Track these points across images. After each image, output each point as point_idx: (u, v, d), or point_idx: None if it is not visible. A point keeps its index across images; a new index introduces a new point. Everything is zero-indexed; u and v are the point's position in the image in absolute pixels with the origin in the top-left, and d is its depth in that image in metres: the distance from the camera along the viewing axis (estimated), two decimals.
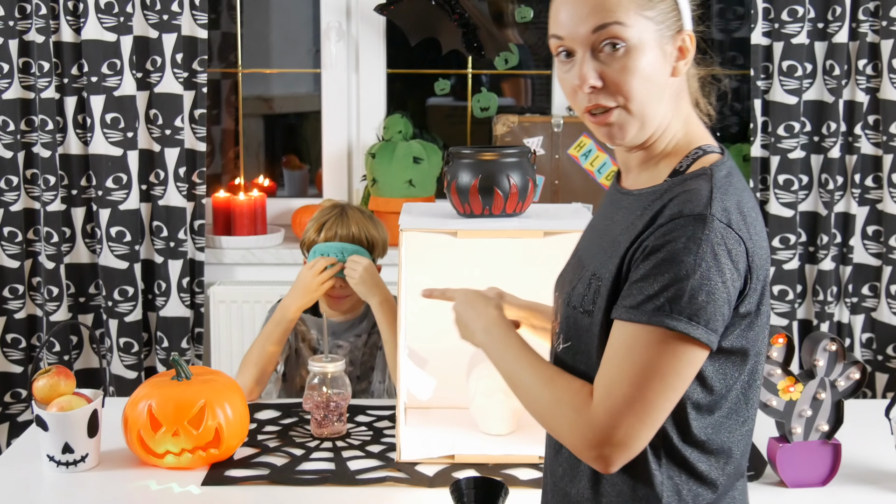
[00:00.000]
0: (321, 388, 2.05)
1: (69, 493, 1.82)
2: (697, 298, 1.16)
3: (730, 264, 1.18)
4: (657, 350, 1.18)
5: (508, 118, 3.03)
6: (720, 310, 1.18)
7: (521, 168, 1.95)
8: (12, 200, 2.95)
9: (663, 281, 1.17)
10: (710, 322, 1.18)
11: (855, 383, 1.82)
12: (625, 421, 1.18)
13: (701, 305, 1.17)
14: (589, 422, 1.20)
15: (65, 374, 1.90)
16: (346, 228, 2.27)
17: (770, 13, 2.88)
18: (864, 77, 2.89)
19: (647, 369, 1.18)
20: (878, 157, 2.92)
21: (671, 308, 1.17)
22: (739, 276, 1.19)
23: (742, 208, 1.21)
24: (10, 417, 3.06)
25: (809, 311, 2.99)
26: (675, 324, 1.16)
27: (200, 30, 2.89)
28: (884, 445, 1.92)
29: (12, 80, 2.90)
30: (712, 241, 1.17)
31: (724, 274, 1.17)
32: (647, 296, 1.18)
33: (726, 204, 1.20)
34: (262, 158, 3.60)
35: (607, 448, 1.19)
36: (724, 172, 1.24)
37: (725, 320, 1.20)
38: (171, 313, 2.98)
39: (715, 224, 1.17)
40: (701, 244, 1.17)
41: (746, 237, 1.20)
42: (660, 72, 1.26)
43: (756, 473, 1.84)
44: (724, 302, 1.18)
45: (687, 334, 1.17)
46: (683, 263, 1.17)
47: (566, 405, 1.23)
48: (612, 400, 1.19)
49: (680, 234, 1.18)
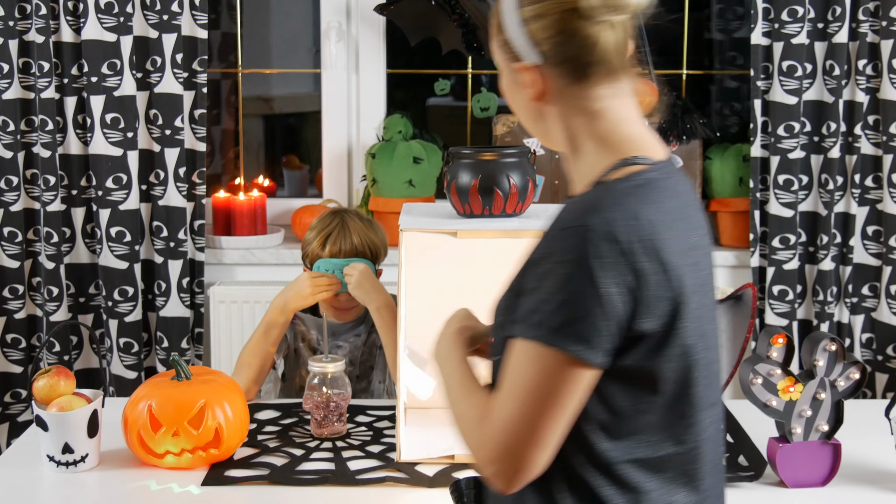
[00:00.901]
0: (321, 388, 2.05)
1: (69, 493, 1.82)
2: (572, 314, 1.13)
3: (609, 278, 1.13)
4: (538, 367, 1.15)
5: (508, 118, 3.03)
6: (599, 325, 1.13)
7: (521, 168, 1.95)
8: (12, 200, 2.95)
9: (539, 295, 1.15)
10: (590, 338, 1.13)
11: (855, 383, 1.82)
12: (515, 439, 1.16)
13: (575, 320, 1.13)
14: (484, 437, 1.18)
15: (65, 374, 1.90)
16: (348, 242, 2.28)
17: (770, 13, 2.88)
18: (864, 77, 2.89)
19: (528, 387, 1.15)
20: (878, 158, 2.92)
21: (546, 323, 1.14)
22: (626, 290, 1.14)
23: (646, 221, 1.16)
24: (10, 417, 3.06)
25: (809, 311, 2.99)
26: (549, 339, 1.13)
27: (200, 30, 2.89)
28: (884, 445, 1.92)
29: (12, 80, 2.90)
30: (588, 253, 1.13)
31: (600, 287, 1.13)
32: (526, 310, 1.16)
33: (614, 215, 1.15)
34: (262, 158, 3.60)
35: (501, 465, 1.17)
36: (631, 184, 1.20)
37: (614, 337, 1.15)
38: (171, 313, 2.98)
39: (591, 236, 1.14)
40: (574, 257, 1.13)
41: (638, 250, 1.15)
42: (517, 94, 1.30)
43: (756, 473, 1.84)
44: (605, 317, 1.13)
45: (563, 351, 1.13)
46: (556, 277, 1.14)
47: (472, 419, 1.22)
48: (501, 416, 1.17)
49: (555, 246, 1.16)
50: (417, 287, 2.07)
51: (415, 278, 2.05)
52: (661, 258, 1.16)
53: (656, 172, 1.24)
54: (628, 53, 1.30)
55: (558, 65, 1.25)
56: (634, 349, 1.17)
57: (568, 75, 1.26)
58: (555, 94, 1.27)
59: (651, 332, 1.17)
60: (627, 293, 1.14)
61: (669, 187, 1.24)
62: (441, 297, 2.14)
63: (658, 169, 1.25)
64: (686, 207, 1.26)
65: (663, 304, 1.17)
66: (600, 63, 1.25)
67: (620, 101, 1.30)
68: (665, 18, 1.38)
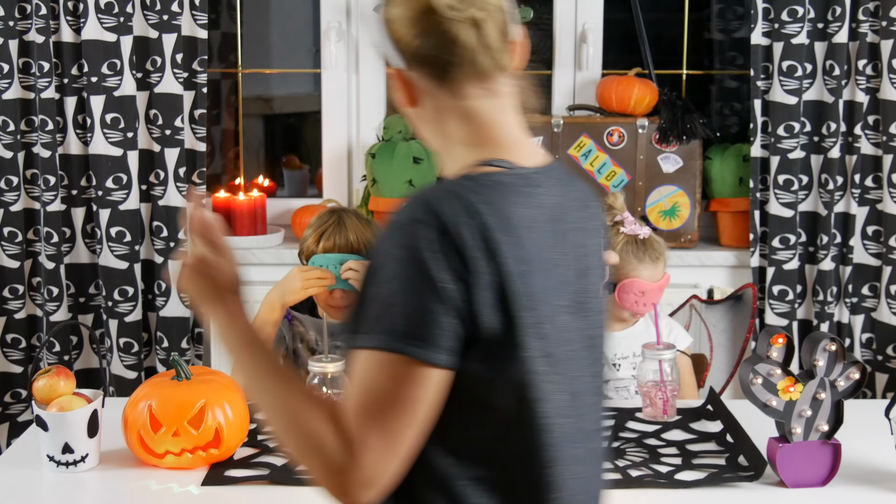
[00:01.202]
0: (321, 388, 2.05)
1: (69, 493, 1.82)
2: (411, 313, 1.09)
3: (444, 271, 1.09)
4: (383, 374, 1.10)
5: None
6: (441, 321, 1.09)
7: None
8: (12, 200, 2.95)
9: (378, 299, 1.11)
10: (432, 337, 1.09)
11: (855, 383, 1.82)
12: (360, 448, 1.10)
13: (415, 320, 1.09)
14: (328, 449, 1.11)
15: (65, 374, 1.90)
16: (343, 238, 2.28)
17: (770, 13, 2.88)
18: (864, 77, 2.89)
19: (376, 395, 1.10)
20: (878, 158, 2.92)
21: (386, 328, 1.10)
22: (462, 284, 1.10)
23: (484, 219, 1.12)
24: (10, 417, 3.05)
25: (809, 311, 2.99)
26: (390, 344, 1.09)
27: (200, 30, 2.89)
28: (884, 445, 1.92)
29: (12, 80, 2.90)
30: (420, 247, 1.10)
31: (437, 282, 1.09)
32: (368, 317, 1.12)
33: (448, 209, 1.12)
34: (262, 158, 3.60)
35: (346, 477, 1.10)
36: (477, 182, 1.17)
37: (457, 333, 1.11)
38: (171, 313, 2.98)
39: (423, 230, 1.11)
40: (407, 253, 1.10)
41: (472, 245, 1.11)
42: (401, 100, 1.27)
43: (756, 473, 1.84)
44: (445, 312, 1.09)
45: (405, 354, 1.09)
46: (391, 277, 1.11)
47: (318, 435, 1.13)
48: (347, 426, 1.11)
49: (388, 244, 1.13)
50: None
51: None
52: (497, 259, 1.12)
53: (514, 177, 1.20)
54: (504, 51, 1.24)
55: (422, 66, 1.22)
56: (473, 352, 1.12)
57: (433, 77, 1.22)
58: (425, 98, 1.24)
59: (489, 335, 1.13)
60: (464, 287, 1.10)
61: (531, 194, 1.20)
62: None
63: (519, 174, 1.21)
64: (555, 221, 1.22)
65: (496, 309, 1.12)
66: (464, 62, 1.21)
67: (492, 101, 1.25)
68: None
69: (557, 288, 1.20)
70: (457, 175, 1.20)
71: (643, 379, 2.13)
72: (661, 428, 2.08)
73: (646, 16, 3.11)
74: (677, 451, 1.97)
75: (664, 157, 3.01)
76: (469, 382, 1.14)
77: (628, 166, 3.00)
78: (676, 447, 1.99)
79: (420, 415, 1.12)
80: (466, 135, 1.24)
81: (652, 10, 3.35)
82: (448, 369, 1.12)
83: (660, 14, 3.48)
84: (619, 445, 1.99)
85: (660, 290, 2.26)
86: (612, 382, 2.32)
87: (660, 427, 2.08)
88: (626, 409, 2.17)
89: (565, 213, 1.24)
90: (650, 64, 3.10)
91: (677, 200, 3.02)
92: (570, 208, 1.26)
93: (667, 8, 3.42)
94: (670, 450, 1.98)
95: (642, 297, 2.24)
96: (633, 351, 2.31)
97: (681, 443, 2.01)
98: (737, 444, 1.96)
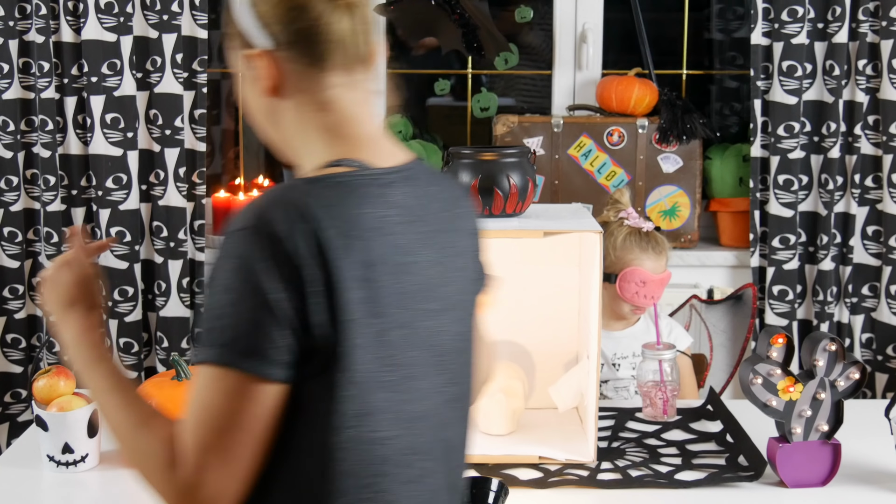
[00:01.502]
0: None
1: (69, 493, 1.82)
2: (242, 327, 1.05)
3: (275, 281, 1.05)
4: (217, 390, 1.06)
5: (508, 118, 3.03)
6: (273, 335, 1.05)
7: (521, 168, 1.95)
8: (12, 200, 2.95)
9: (212, 312, 1.07)
10: (264, 351, 1.05)
11: (855, 383, 1.82)
12: (198, 467, 1.06)
13: (246, 334, 1.05)
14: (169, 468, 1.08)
15: (65, 374, 1.90)
16: None
17: (770, 13, 2.88)
18: (864, 77, 2.89)
19: (212, 412, 1.06)
20: (878, 158, 2.92)
21: (218, 342, 1.06)
22: (295, 294, 1.06)
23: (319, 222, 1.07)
24: (10, 417, 3.05)
25: (809, 311, 2.99)
26: (223, 358, 1.05)
27: (200, 30, 2.89)
28: (884, 445, 1.92)
29: (12, 80, 2.90)
30: (251, 256, 1.05)
31: (267, 293, 1.05)
32: (203, 331, 1.08)
33: (280, 214, 1.07)
34: (262, 158, 3.60)
35: (189, 497, 1.06)
36: (317, 185, 1.12)
37: (292, 346, 1.07)
38: (171, 313, 2.98)
39: (254, 237, 1.06)
40: (238, 263, 1.06)
41: (304, 252, 1.06)
42: (253, 93, 1.22)
43: (756, 473, 1.84)
44: (277, 324, 1.05)
45: (238, 370, 1.05)
46: (224, 288, 1.06)
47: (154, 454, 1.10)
48: (185, 443, 1.07)
49: (222, 253, 1.09)
50: None
51: None
52: (334, 266, 1.07)
53: (363, 178, 1.15)
54: (370, 48, 1.22)
55: (291, 46, 1.17)
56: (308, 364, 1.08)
57: (302, 58, 1.18)
58: (289, 84, 1.19)
59: (321, 346, 1.08)
60: (298, 297, 1.06)
61: (381, 195, 1.15)
62: None
63: (369, 174, 1.16)
64: (416, 222, 1.18)
65: (332, 318, 1.08)
66: (334, 46, 1.18)
67: (354, 94, 1.21)
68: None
69: (418, 291, 1.16)
70: (303, 176, 1.16)
71: (643, 379, 2.13)
72: (661, 428, 2.08)
73: (646, 16, 3.11)
74: (677, 451, 1.97)
75: (664, 157, 3.01)
76: (308, 393, 1.09)
77: (628, 166, 3.00)
78: (676, 447, 1.99)
79: (256, 431, 1.08)
80: (324, 128, 1.20)
81: (652, 10, 3.35)
82: (284, 383, 1.08)
83: (660, 14, 3.48)
84: (619, 445, 1.99)
85: (661, 283, 2.26)
86: (612, 382, 2.32)
87: (660, 427, 2.08)
88: (626, 409, 2.17)
89: (426, 214, 1.20)
90: (650, 64, 3.10)
91: (677, 200, 3.02)
92: (435, 208, 1.22)
93: (667, 8, 3.42)
94: (670, 450, 1.98)
95: (643, 288, 2.24)
96: (632, 350, 2.31)
97: (681, 443, 2.01)
98: (737, 444, 1.96)
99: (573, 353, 2.15)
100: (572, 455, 1.91)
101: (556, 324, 2.15)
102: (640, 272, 2.24)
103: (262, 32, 1.18)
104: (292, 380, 1.08)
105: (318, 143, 1.20)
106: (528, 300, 2.14)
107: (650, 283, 2.24)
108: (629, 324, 2.37)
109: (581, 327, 2.11)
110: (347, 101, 1.21)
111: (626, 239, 2.26)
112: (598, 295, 1.89)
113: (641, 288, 2.24)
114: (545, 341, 2.16)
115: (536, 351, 2.16)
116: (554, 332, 2.15)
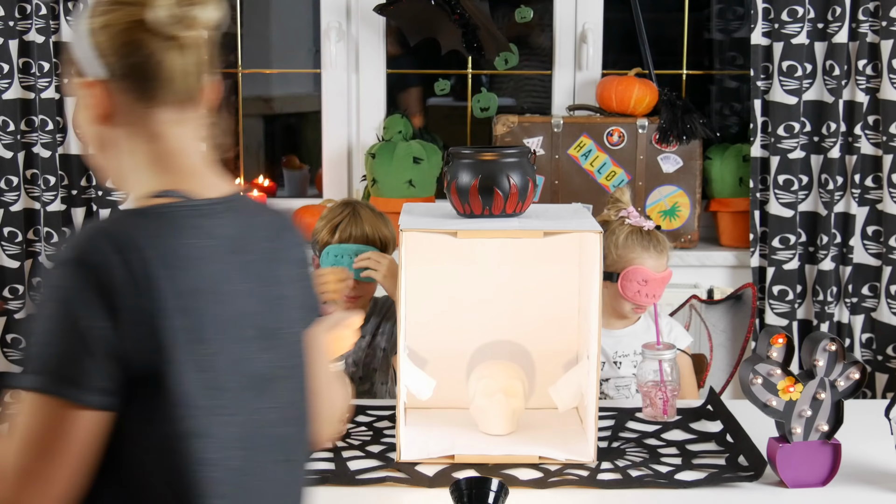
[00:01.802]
0: None
1: None
2: (58, 355, 1.10)
3: (89, 310, 1.10)
4: (38, 416, 1.10)
5: (508, 118, 3.03)
6: (85, 364, 1.09)
7: (521, 168, 1.95)
8: (12, 200, 2.95)
9: (34, 339, 1.12)
10: (78, 379, 1.09)
11: (855, 383, 1.82)
12: (18, 487, 1.10)
13: (63, 362, 1.10)
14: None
15: None
16: (359, 229, 2.26)
17: (770, 13, 2.88)
18: (863, 77, 2.89)
19: (32, 437, 1.10)
20: (878, 158, 2.92)
21: (38, 369, 1.10)
22: (110, 324, 1.10)
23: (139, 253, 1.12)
24: None
25: (809, 311, 2.99)
26: (42, 385, 1.09)
27: None
28: (884, 445, 1.92)
29: (12, 80, 2.90)
30: (69, 286, 1.10)
31: (81, 322, 1.09)
32: (27, 357, 1.13)
33: (99, 245, 1.11)
34: (262, 158, 3.60)
35: None
36: (139, 217, 1.16)
37: (109, 374, 1.10)
38: None
39: (73, 269, 1.11)
40: (58, 293, 1.11)
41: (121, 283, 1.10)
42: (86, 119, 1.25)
43: (756, 473, 1.84)
44: (90, 354, 1.09)
45: (54, 396, 1.09)
46: (45, 317, 1.11)
47: None
48: (7, 464, 1.11)
49: (46, 283, 1.14)
50: (417, 287, 2.07)
51: (415, 278, 2.05)
52: (151, 295, 1.12)
53: (185, 209, 1.19)
54: (201, 87, 1.26)
55: (123, 79, 1.21)
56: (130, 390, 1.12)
57: (133, 91, 1.21)
58: (120, 114, 1.23)
59: (140, 373, 1.12)
60: (114, 326, 1.10)
61: (201, 226, 1.19)
62: (441, 297, 2.15)
63: (191, 206, 1.20)
64: (235, 252, 1.22)
65: (150, 346, 1.12)
66: (165, 84, 1.21)
67: (182, 129, 1.25)
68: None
69: (236, 319, 1.20)
70: (128, 208, 1.20)
71: (643, 379, 2.13)
72: (661, 428, 2.08)
73: (646, 16, 3.11)
74: (677, 451, 1.97)
75: (664, 157, 3.01)
76: (133, 417, 1.13)
77: (628, 166, 3.00)
78: (676, 447, 1.99)
79: (76, 455, 1.11)
80: (152, 159, 1.23)
81: (652, 10, 3.35)
82: (103, 409, 1.11)
83: (660, 14, 3.48)
84: (619, 445, 1.99)
85: (662, 282, 2.26)
86: (614, 380, 2.32)
87: (660, 427, 2.08)
88: (626, 409, 2.17)
89: (248, 244, 1.24)
90: (650, 64, 3.10)
91: (677, 200, 3.02)
92: (256, 238, 1.26)
93: (667, 8, 3.42)
94: (670, 450, 1.98)
95: (644, 287, 2.24)
96: (633, 349, 2.31)
97: (681, 443, 2.01)
98: (737, 444, 1.96)
99: (573, 353, 2.15)
100: (572, 455, 1.91)
101: (556, 324, 2.15)
102: (642, 271, 2.24)
103: (98, 62, 1.21)
104: (114, 405, 1.12)
105: (145, 173, 1.23)
106: (528, 300, 2.14)
107: (652, 281, 2.24)
108: (630, 322, 2.37)
109: (581, 327, 2.11)
110: (176, 135, 1.24)
111: (627, 237, 2.26)
112: (598, 295, 1.89)
113: (643, 286, 2.24)
114: (545, 341, 2.16)
115: (536, 351, 2.17)
116: (554, 332, 2.15)
